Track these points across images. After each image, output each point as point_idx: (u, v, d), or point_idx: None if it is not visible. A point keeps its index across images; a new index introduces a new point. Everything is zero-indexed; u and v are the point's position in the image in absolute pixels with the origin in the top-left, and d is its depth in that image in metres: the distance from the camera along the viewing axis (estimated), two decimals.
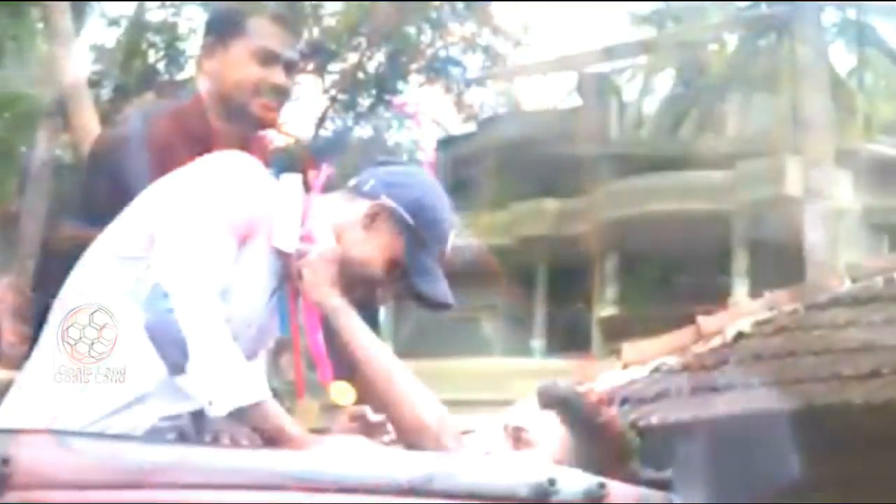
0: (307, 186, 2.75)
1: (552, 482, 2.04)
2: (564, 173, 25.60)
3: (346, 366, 2.69)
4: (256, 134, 3.29)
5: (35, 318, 2.89)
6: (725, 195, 23.20)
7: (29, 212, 19.68)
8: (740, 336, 8.82)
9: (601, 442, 2.56)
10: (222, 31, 3.15)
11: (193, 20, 27.91)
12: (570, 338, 26.34)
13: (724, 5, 31.73)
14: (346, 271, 2.66)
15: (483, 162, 28.42)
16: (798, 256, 16.37)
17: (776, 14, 25.74)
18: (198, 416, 2.49)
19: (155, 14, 29.14)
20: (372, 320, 2.82)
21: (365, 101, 31.97)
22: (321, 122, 32.44)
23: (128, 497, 2.01)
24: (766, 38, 28.81)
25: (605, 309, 24.91)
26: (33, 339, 2.64)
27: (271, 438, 2.39)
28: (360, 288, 2.74)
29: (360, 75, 31.64)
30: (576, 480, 2.10)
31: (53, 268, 2.99)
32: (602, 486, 2.11)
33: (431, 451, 2.45)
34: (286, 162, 2.94)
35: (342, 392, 2.71)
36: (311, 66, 30.97)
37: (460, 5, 31.71)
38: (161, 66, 29.31)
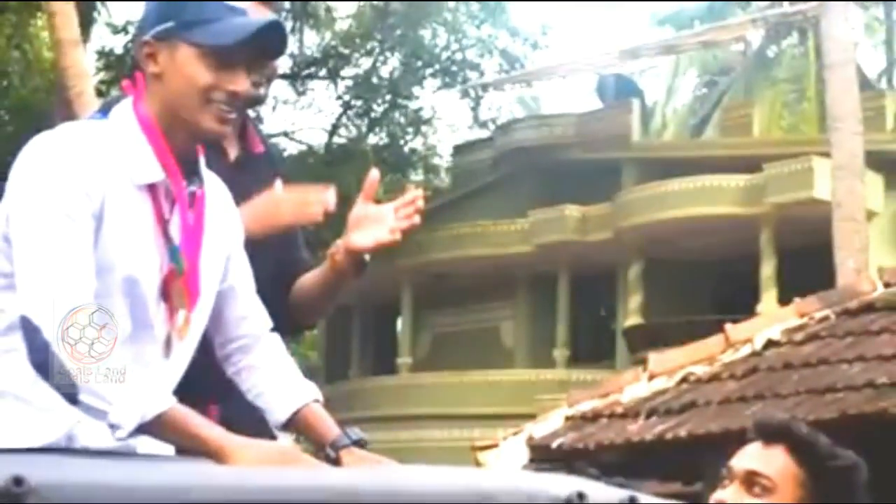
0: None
1: (581, 496, 2.02)
2: (585, 179, 25.59)
3: None
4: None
5: None
6: (752, 199, 23.17)
7: None
8: (770, 344, 8.79)
9: None
10: None
11: None
12: (593, 348, 26.32)
13: (746, 4, 31.76)
14: None
15: (501, 168, 28.43)
16: (828, 261, 16.33)
17: (800, 13, 25.72)
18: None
19: None
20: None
21: (379, 108, 32.01)
22: (334, 128, 32.52)
23: None
24: (789, 37, 28.79)
25: (630, 318, 24.87)
26: None
27: (194, 450, 2.18)
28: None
29: (374, 80, 31.69)
30: (605, 494, 2.09)
31: None
32: (633, 499, 2.10)
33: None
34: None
35: None
36: (323, 72, 31.02)
37: (476, 6, 31.73)
38: None
